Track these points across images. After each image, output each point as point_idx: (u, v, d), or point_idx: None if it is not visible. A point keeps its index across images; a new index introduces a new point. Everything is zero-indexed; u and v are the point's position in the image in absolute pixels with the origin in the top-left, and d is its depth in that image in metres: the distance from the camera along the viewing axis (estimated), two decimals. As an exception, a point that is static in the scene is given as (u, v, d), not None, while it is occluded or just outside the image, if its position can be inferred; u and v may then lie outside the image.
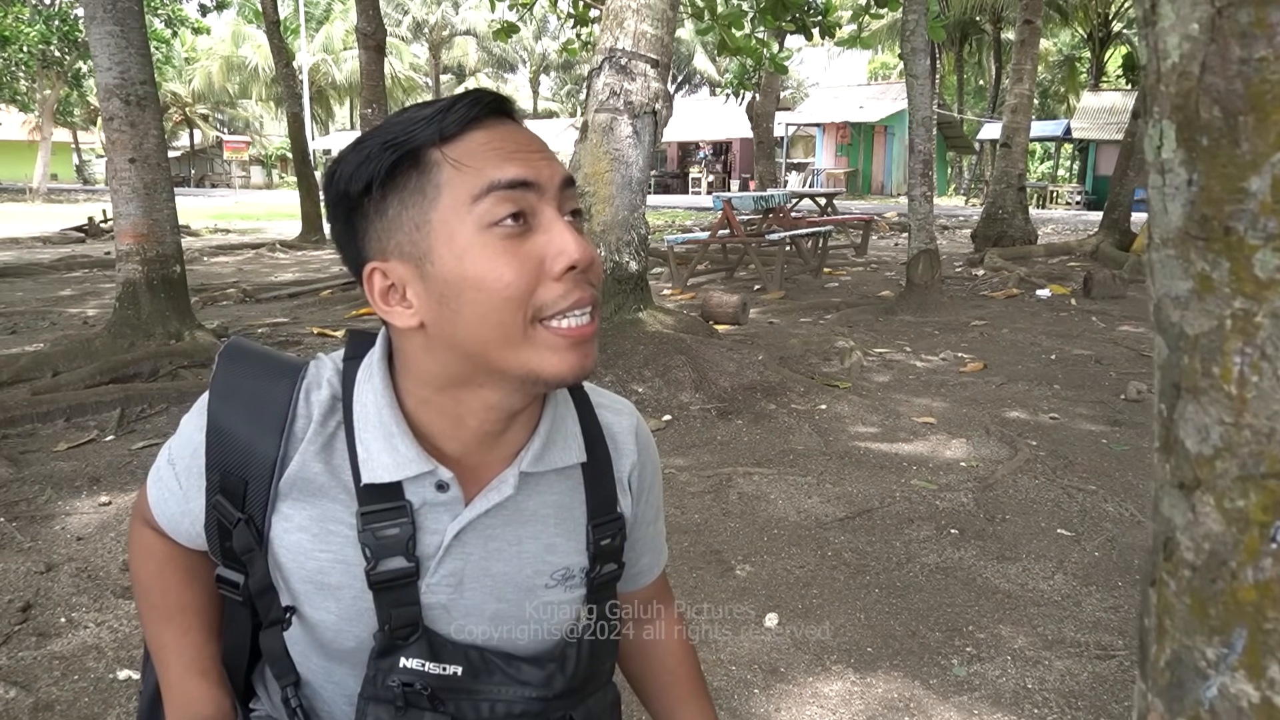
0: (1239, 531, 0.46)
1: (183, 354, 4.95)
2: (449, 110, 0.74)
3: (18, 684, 1.96)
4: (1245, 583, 0.46)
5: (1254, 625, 0.46)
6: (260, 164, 45.09)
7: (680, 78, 49.02)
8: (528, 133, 0.78)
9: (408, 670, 0.80)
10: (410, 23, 44.99)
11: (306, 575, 0.81)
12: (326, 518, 0.81)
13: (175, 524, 0.89)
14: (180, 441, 0.87)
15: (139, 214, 4.96)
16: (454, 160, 0.73)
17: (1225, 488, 0.47)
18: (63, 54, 24.06)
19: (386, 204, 0.74)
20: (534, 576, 0.85)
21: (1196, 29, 0.45)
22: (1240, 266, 0.45)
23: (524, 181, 0.73)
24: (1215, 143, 0.45)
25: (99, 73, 4.86)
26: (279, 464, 0.80)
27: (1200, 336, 0.47)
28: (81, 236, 14.20)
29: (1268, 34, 0.42)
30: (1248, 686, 0.47)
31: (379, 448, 0.79)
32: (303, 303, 7.88)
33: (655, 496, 0.99)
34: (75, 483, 3.26)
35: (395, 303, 0.76)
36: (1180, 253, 0.48)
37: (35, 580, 2.46)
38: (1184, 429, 0.49)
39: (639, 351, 4.67)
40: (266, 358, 0.86)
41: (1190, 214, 0.47)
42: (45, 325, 6.70)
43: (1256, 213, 0.44)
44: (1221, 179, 0.45)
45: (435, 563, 0.82)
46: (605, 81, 4.92)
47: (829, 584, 2.56)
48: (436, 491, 0.81)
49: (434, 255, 0.73)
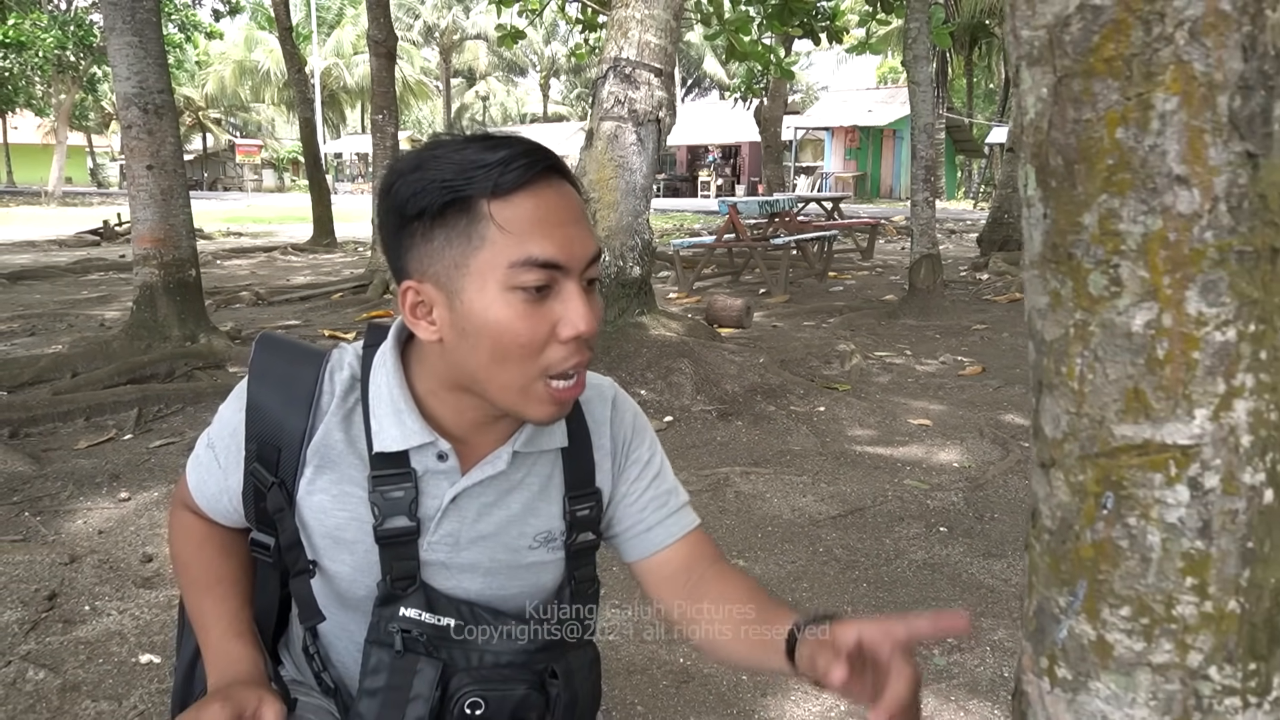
0: (1080, 501, 0.57)
1: (198, 355, 5.08)
2: (507, 167, 0.82)
3: (46, 666, 2.08)
4: (1085, 542, 0.57)
5: (1091, 577, 0.56)
6: (272, 167, 45.42)
7: (690, 81, 49.14)
8: (573, 200, 0.87)
9: (406, 619, 0.91)
10: (421, 27, 45.27)
11: (326, 531, 0.94)
12: (344, 481, 0.93)
13: (214, 503, 1.01)
14: (219, 425, 0.99)
15: (156, 219, 5.10)
16: (500, 222, 0.82)
17: (1070, 465, 0.57)
18: (78, 59, 24.35)
19: (433, 235, 0.84)
20: (519, 538, 0.97)
21: (1045, 93, 0.55)
22: (1079, 285, 0.55)
23: (556, 264, 0.83)
24: (1060, 185, 0.55)
25: (118, 82, 5.01)
26: (307, 434, 0.93)
27: (1054, 342, 0.58)
28: (97, 240, 14.40)
29: (1092, 101, 0.53)
30: (1088, 627, 0.57)
31: (389, 421, 0.92)
32: (314, 305, 8.02)
33: (641, 449, 1.04)
34: (95, 479, 3.38)
35: (421, 317, 0.87)
36: (1040, 273, 0.58)
37: (60, 571, 2.58)
38: (1044, 418, 0.59)
39: (642, 355, 4.78)
40: (296, 345, 0.99)
41: (1046, 241, 0.57)
42: (63, 327, 6.85)
43: (1089, 242, 0.54)
44: (1065, 214, 0.55)
45: (434, 524, 0.94)
46: (610, 90, 5.03)
47: (819, 578, 2.66)
48: (437, 461, 0.93)
49: (464, 295, 0.83)
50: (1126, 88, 0.51)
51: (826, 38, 11.42)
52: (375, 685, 0.91)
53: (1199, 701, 0.54)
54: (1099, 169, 0.53)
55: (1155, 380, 0.53)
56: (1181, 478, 0.53)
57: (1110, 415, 0.54)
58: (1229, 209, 0.50)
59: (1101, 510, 0.55)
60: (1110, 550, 0.55)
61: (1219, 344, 0.51)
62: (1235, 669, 0.54)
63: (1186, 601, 0.54)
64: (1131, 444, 0.54)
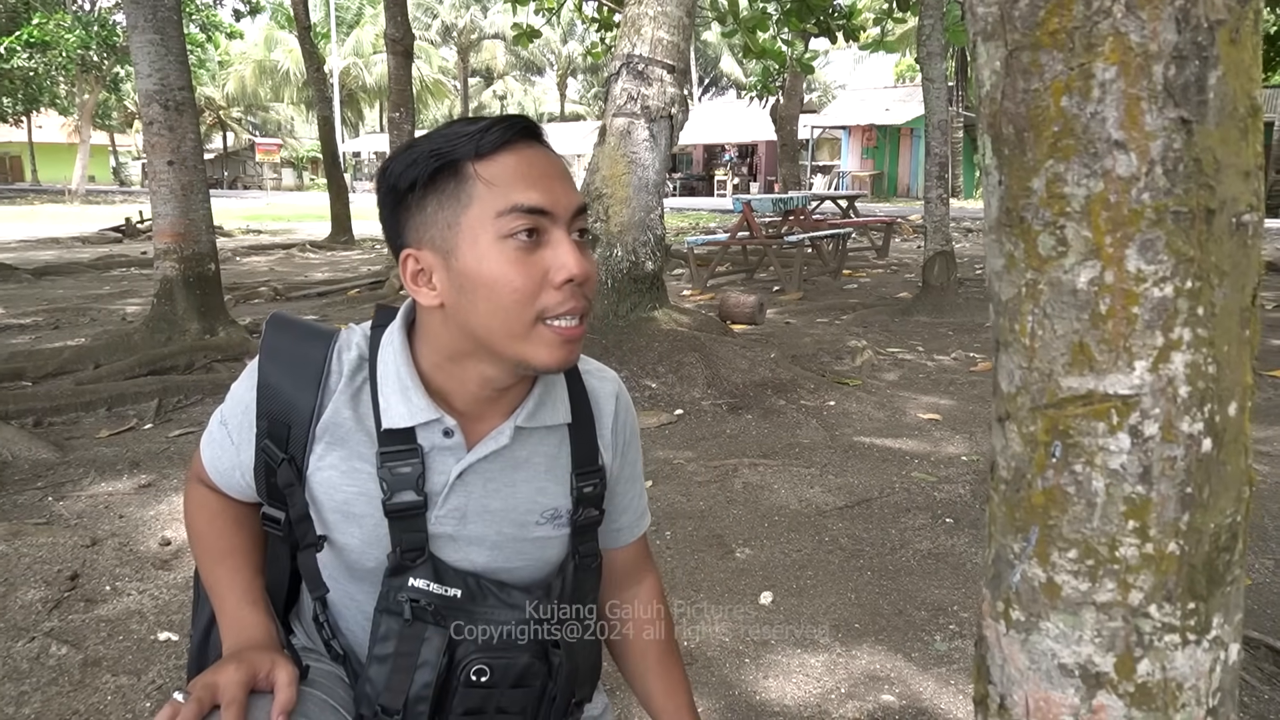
0: (1032, 451, 0.60)
1: (216, 348, 5.17)
2: (487, 131, 0.89)
3: (69, 643, 2.14)
4: (1036, 490, 0.60)
5: (1042, 523, 0.60)
6: (291, 166, 45.81)
7: (706, 80, 49.11)
8: (553, 157, 0.93)
9: (415, 589, 0.95)
10: (439, 26, 45.48)
11: (335, 506, 0.97)
12: (353, 457, 0.97)
13: (227, 477, 1.05)
14: (231, 403, 1.04)
15: (176, 214, 5.19)
16: (486, 178, 0.88)
17: (1023, 417, 0.60)
18: (101, 59, 24.67)
19: (426, 202, 0.90)
20: (526, 514, 1.01)
21: (998, 65, 0.59)
22: (1030, 246, 0.59)
23: (541, 209, 0.88)
24: (1012, 152, 0.59)
25: (139, 79, 5.10)
26: (316, 412, 0.97)
27: (1009, 301, 0.61)
28: (119, 237, 14.60)
29: (1039, 72, 0.56)
30: (1039, 571, 0.60)
31: (396, 399, 0.95)
32: (331, 301, 8.10)
33: (634, 455, 1.13)
34: (117, 466, 3.46)
35: (422, 284, 0.92)
36: (997, 237, 0.62)
37: (82, 553, 2.65)
38: (1001, 374, 0.63)
39: (653, 348, 4.81)
40: (305, 325, 1.03)
41: (1001, 207, 0.61)
42: (86, 321, 6.97)
43: (1038, 205, 0.58)
44: (1017, 180, 0.59)
45: (441, 498, 0.97)
46: (623, 87, 5.07)
47: (824, 566, 2.69)
48: (443, 437, 0.97)
49: (459, 252, 0.88)
50: (1070, 59, 0.54)
51: (843, 36, 11.41)
52: (384, 652, 0.95)
53: (1140, 638, 0.57)
54: (1046, 136, 0.56)
55: (1098, 334, 0.56)
56: (1123, 426, 0.56)
57: (1058, 368, 0.58)
58: (1164, 172, 0.54)
59: (1051, 459, 0.59)
60: (1059, 496, 0.59)
61: (1157, 299, 0.55)
62: (1175, 607, 0.57)
63: (1128, 544, 0.57)
64: (1077, 395, 0.57)
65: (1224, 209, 0.55)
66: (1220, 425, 0.57)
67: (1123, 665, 0.58)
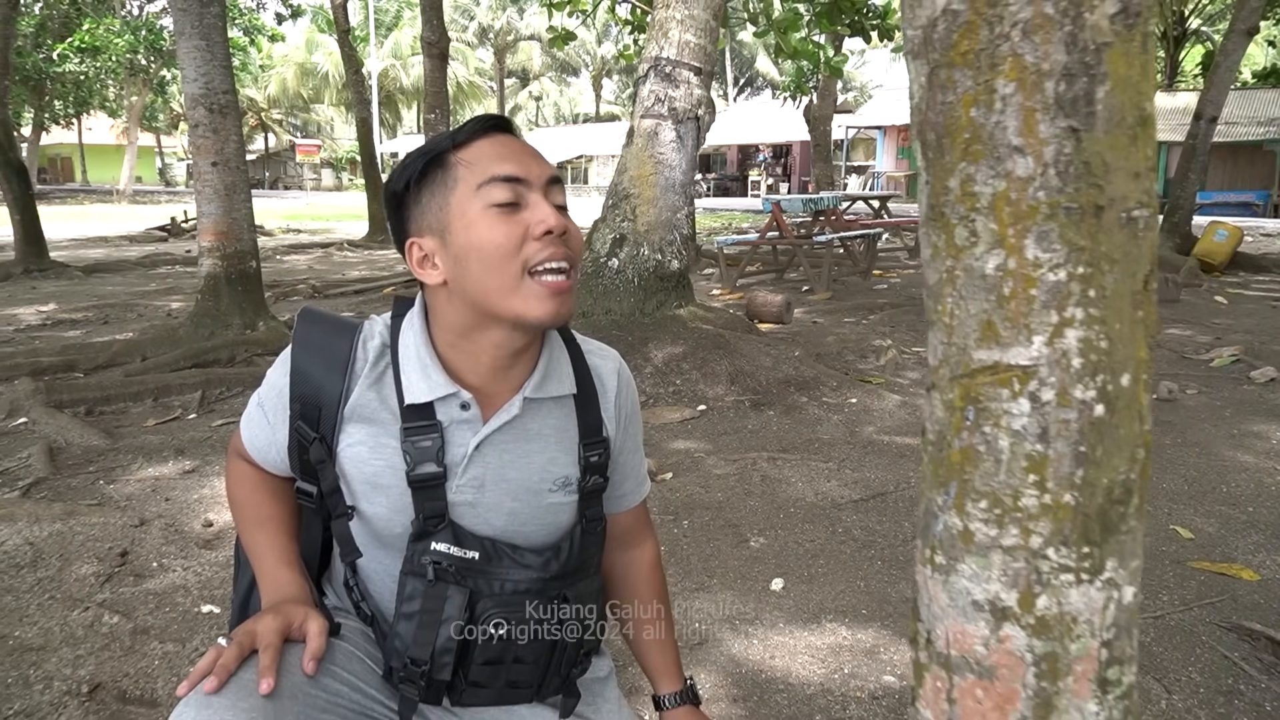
0: (950, 415, 0.69)
1: (257, 343, 5.35)
2: (463, 127, 1.04)
3: (120, 612, 2.29)
4: (954, 449, 0.69)
5: (959, 478, 0.69)
6: (331, 167, 46.55)
7: (742, 80, 49.00)
8: (523, 142, 1.07)
9: (437, 552, 1.05)
10: (476, 28, 45.95)
11: (364, 478, 1.08)
12: (378, 434, 1.08)
13: (264, 454, 1.17)
14: (267, 387, 1.15)
15: (219, 213, 5.39)
16: (465, 161, 1.02)
17: (944, 386, 0.69)
18: (149, 62, 25.33)
19: (420, 195, 1.04)
20: (540, 482, 1.11)
21: (923, 81, 0.68)
22: (949, 238, 0.68)
23: (515, 177, 1.01)
24: (934, 156, 0.68)
25: (186, 83, 5.30)
26: (343, 395, 1.08)
27: (934, 285, 0.70)
28: (164, 236, 15.03)
29: (954, 86, 0.65)
30: (956, 520, 0.69)
31: (417, 376, 1.07)
32: (368, 299, 8.30)
33: (635, 428, 1.24)
34: (163, 453, 3.63)
35: (427, 267, 1.04)
36: (926, 230, 0.71)
37: (130, 532, 2.81)
38: (929, 350, 0.72)
39: (678, 345, 4.90)
40: (333, 318, 1.15)
41: (927, 204, 0.70)
42: (133, 316, 7.23)
43: (954, 201, 0.67)
44: (938, 180, 0.68)
45: (461, 469, 1.08)
46: (650, 88, 5.17)
47: (836, 556, 2.77)
48: (461, 411, 1.07)
49: (452, 228, 1.01)
50: (977, 75, 0.63)
51: (877, 36, 11.38)
52: (411, 610, 1.05)
53: (1039, 577, 0.66)
54: (959, 141, 0.65)
55: (1003, 313, 0.65)
56: (1023, 392, 0.65)
57: (971, 343, 0.67)
58: (1057, 173, 0.62)
59: (965, 422, 0.68)
60: (972, 454, 0.68)
61: (1052, 283, 0.63)
62: (1070, 551, 0.66)
63: (1029, 495, 0.66)
64: (985, 366, 0.66)
65: (1113, 205, 0.63)
66: (1113, 393, 0.65)
67: (1024, 600, 0.66)
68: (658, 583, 1.30)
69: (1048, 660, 0.67)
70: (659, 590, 1.30)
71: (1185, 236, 10.76)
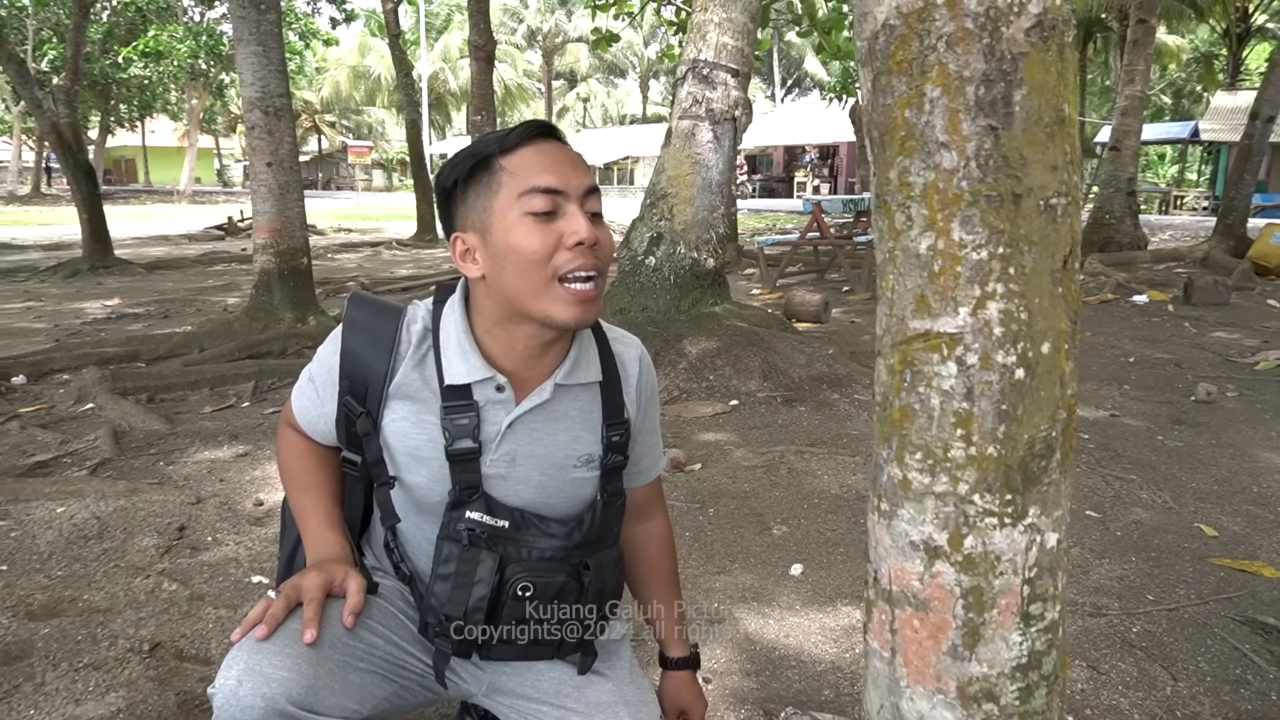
0: (891, 378, 0.79)
1: (308, 336, 5.57)
2: (511, 132, 1.12)
3: (178, 580, 2.47)
4: (895, 408, 0.78)
5: (899, 433, 0.78)
6: (381, 168, 47.40)
7: (789, 81, 48.76)
8: (567, 149, 1.15)
9: (471, 520, 1.16)
10: (525, 31, 46.45)
11: (406, 451, 1.19)
12: (420, 411, 1.18)
13: (313, 424, 1.29)
14: (318, 363, 1.26)
15: (274, 212, 5.62)
16: (509, 169, 1.10)
17: (887, 352, 0.79)
18: (209, 67, 26.12)
19: (467, 194, 1.13)
20: (565, 459, 1.22)
21: (869, 85, 0.77)
22: (890, 222, 0.77)
23: (554, 189, 1.09)
24: (878, 151, 0.77)
25: (243, 87, 5.54)
26: (389, 374, 1.19)
27: (881, 265, 0.80)
28: (221, 235, 15.53)
29: (891, 90, 0.75)
30: (897, 470, 0.79)
31: (457, 359, 1.17)
32: (414, 295, 8.52)
33: (653, 409, 1.34)
34: (218, 438, 3.83)
35: (469, 261, 1.15)
36: (875, 216, 0.80)
37: (188, 509, 2.99)
38: (877, 321, 0.81)
39: (713, 342, 5.00)
40: (380, 302, 1.26)
41: (876, 193, 0.79)
42: (192, 311, 7.54)
43: (894, 190, 0.76)
44: (882, 171, 0.77)
45: (495, 445, 1.18)
46: (688, 90, 5.27)
47: (856, 545, 2.84)
48: (496, 392, 1.17)
49: (492, 229, 1.11)
50: (910, 81, 0.73)
51: (920, 35, 11.29)
52: (446, 571, 1.15)
53: (966, 519, 0.75)
54: (896, 138, 0.75)
55: (934, 288, 0.74)
56: (951, 357, 0.74)
57: (908, 314, 0.76)
58: (978, 165, 0.72)
59: (904, 383, 0.77)
60: (909, 412, 0.77)
61: (975, 261, 0.73)
62: (994, 497, 0.75)
63: (957, 447, 0.75)
64: (919, 333, 0.76)
65: (1031, 194, 0.72)
66: (1033, 359, 0.74)
67: (953, 540, 0.76)
68: (669, 555, 1.41)
69: (974, 594, 0.76)
70: (669, 561, 1.40)
71: (1240, 239, 10.52)
